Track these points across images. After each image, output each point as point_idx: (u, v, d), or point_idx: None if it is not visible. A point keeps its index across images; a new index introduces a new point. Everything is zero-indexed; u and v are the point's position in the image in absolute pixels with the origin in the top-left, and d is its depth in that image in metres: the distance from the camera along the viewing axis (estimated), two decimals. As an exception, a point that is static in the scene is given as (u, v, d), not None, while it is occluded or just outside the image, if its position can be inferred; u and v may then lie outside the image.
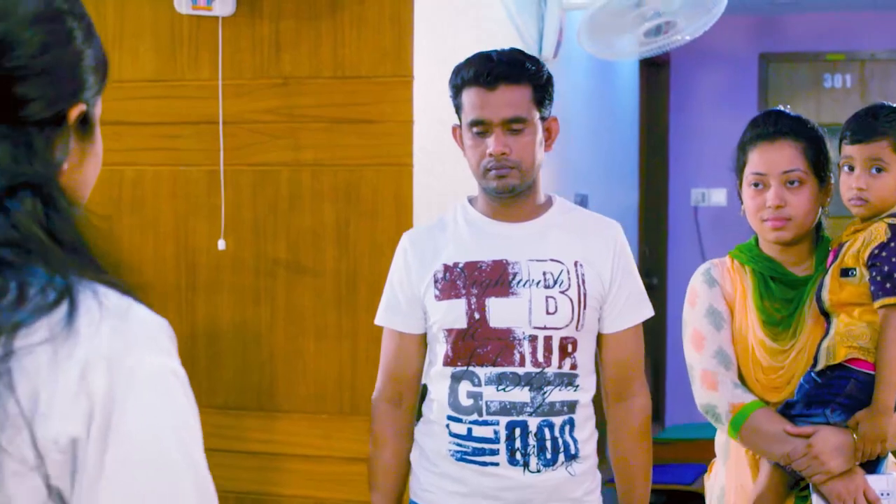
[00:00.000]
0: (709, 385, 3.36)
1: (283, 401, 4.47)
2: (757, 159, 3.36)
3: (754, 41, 9.53)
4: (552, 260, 3.32)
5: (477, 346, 3.29)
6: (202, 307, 4.55)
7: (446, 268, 3.34)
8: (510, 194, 3.31)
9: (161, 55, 4.56)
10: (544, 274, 3.29)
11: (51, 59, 1.46)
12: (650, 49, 5.72)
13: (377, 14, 4.32)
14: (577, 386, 3.31)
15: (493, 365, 3.27)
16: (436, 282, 3.34)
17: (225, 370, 4.52)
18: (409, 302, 3.40)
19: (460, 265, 3.33)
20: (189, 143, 4.54)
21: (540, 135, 3.31)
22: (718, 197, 9.20)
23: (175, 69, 4.55)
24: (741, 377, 3.38)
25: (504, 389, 3.26)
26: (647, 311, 3.44)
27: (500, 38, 5.26)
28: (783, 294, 3.38)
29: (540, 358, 3.27)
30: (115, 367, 1.35)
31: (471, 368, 3.29)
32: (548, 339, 3.27)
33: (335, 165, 4.38)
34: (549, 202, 3.44)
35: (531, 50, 5.60)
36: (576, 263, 3.32)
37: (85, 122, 1.53)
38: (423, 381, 3.49)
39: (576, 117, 6.72)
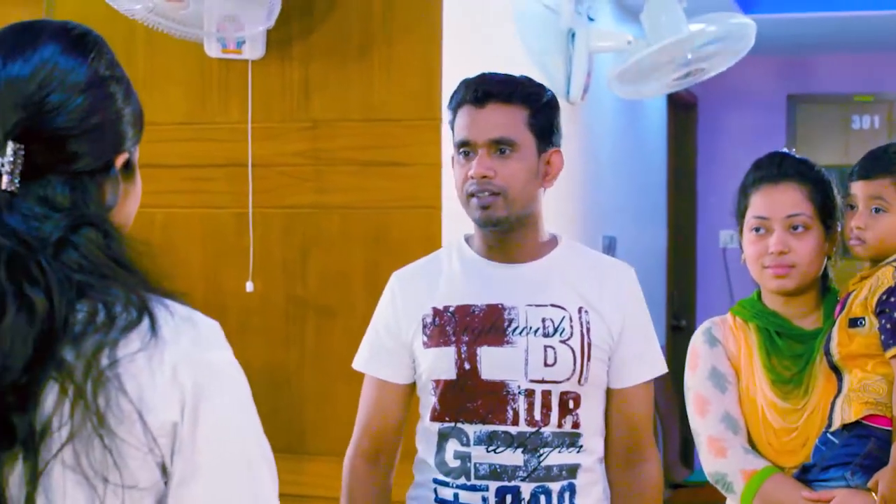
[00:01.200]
0: (717, 452, 3.11)
1: (312, 443, 4.46)
2: (759, 202, 3.17)
3: (782, 82, 9.53)
4: (553, 305, 2.98)
5: (466, 399, 2.95)
6: (231, 349, 4.54)
7: (436, 312, 3.02)
8: (497, 228, 2.96)
9: (191, 98, 4.59)
10: (543, 321, 2.95)
11: (97, 120, 1.74)
12: (675, 86, 5.73)
13: (406, 57, 4.34)
14: (581, 447, 2.97)
15: (483, 422, 2.93)
16: (424, 327, 3.02)
17: (254, 412, 4.52)
18: (396, 348, 3.08)
19: (451, 309, 3.00)
20: (218, 186, 4.55)
21: (534, 164, 2.96)
22: (747, 238, 9.16)
23: (205, 112, 4.58)
24: (751, 442, 3.14)
25: (495, 451, 2.92)
26: (660, 367, 3.11)
27: (528, 81, 5.27)
28: (791, 350, 3.15)
29: (536, 415, 2.92)
30: (197, 363, 1.70)
31: (459, 425, 2.96)
32: (546, 394, 2.93)
33: (364, 208, 4.39)
34: (553, 242, 3.10)
35: (558, 92, 5.61)
36: (580, 310, 2.98)
37: (127, 166, 1.81)
38: (417, 438, 3.17)
39: (604, 159, 6.72)
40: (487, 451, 2.92)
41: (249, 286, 4.46)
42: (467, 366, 2.94)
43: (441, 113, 4.30)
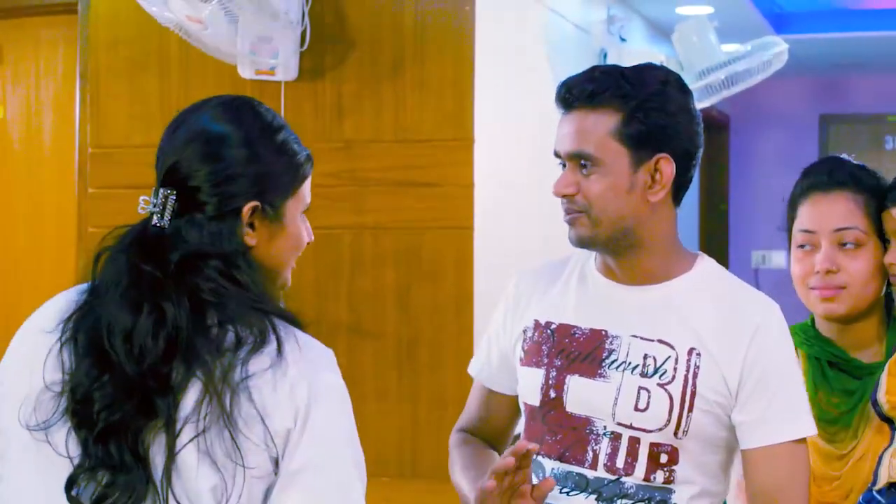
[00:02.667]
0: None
1: (343, 463, 4.46)
2: (806, 214, 2.76)
3: (815, 103, 9.51)
4: (660, 341, 2.53)
5: (547, 431, 2.59)
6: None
7: (537, 325, 2.66)
8: (588, 248, 2.61)
9: (224, 119, 4.60)
10: (645, 357, 2.52)
11: (213, 175, 2.13)
12: (702, 103, 5.73)
13: (438, 78, 4.35)
14: None
15: (561, 459, 2.57)
16: (524, 341, 2.68)
17: (286, 432, 4.52)
18: (501, 357, 2.76)
19: (553, 326, 2.63)
20: (252, 206, 4.56)
21: (625, 179, 2.50)
22: (779, 259, 9.15)
23: (238, 133, 4.59)
24: None
25: (567, 493, 2.56)
26: (804, 428, 2.52)
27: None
28: (843, 384, 2.73)
29: (618, 462, 2.51)
30: (312, 382, 2.06)
31: (538, 458, 2.60)
32: (633, 442, 2.51)
33: (396, 228, 4.39)
34: (688, 264, 2.62)
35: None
36: (691, 351, 2.51)
37: (264, 212, 2.16)
38: None
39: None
40: (560, 492, 2.56)
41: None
42: (553, 394, 2.58)
43: (473, 133, 4.30)
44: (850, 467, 2.66)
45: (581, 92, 2.51)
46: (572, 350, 2.58)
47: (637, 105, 2.49)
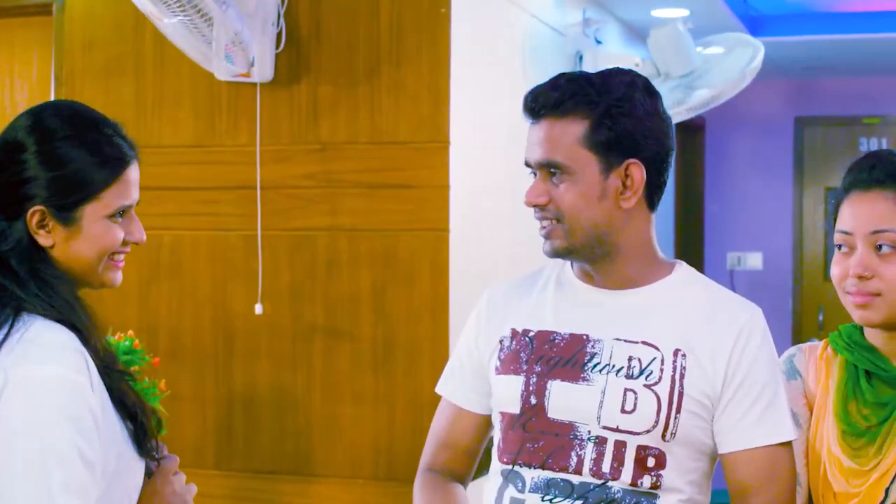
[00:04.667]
0: None
1: (319, 465, 4.46)
2: (845, 214, 2.53)
3: (790, 105, 9.54)
4: (644, 343, 2.49)
5: (528, 439, 2.51)
6: (239, 372, 4.56)
7: (514, 334, 2.60)
8: (564, 258, 2.58)
9: (199, 121, 4.60)
10: (630, 360, 2.48)
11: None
12: (681, 114, 5.74)
13: (414, 81, 4.35)
14: None
15: (542, 467, 2.49)
16: (501, 350, 2.61)
17: (262, 435, 4.52)
18: (475, 372, 2.67)
19: (531, 333, 2.57)
20: (227, 209, 4.56)
21: (595, 186, 2.47)
22: (755, 261, 9.17)
23: (213, 135, 4.59)
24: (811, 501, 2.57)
25: (551, 501, 2.48)
26: (782, 433, 2.48)
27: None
28: (877, 396, 2.51)
29: (604, 467, 2.45)
30: (8, 372, 2.08)
31: (517, 468, 2.52)
32: (619, 446, 2.45)
33: (372, 231, 4.40)
34: (666, 269, 2.60)
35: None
36: (676, 352, 2.47)
37: (57, 217, 2.22)
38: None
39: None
40: (542, 501, 2.48)
41: (258, 308, 4.46)
42: (533, 400, 2.51)
43: (449, 136, 4.30)
44: (870, 484, 2.46)
45: (547, 100, 2.48)
46: (552, 356, 2.53)
47: (604, 111, 2.46)
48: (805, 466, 2.56)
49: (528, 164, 2.54)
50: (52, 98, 4.80)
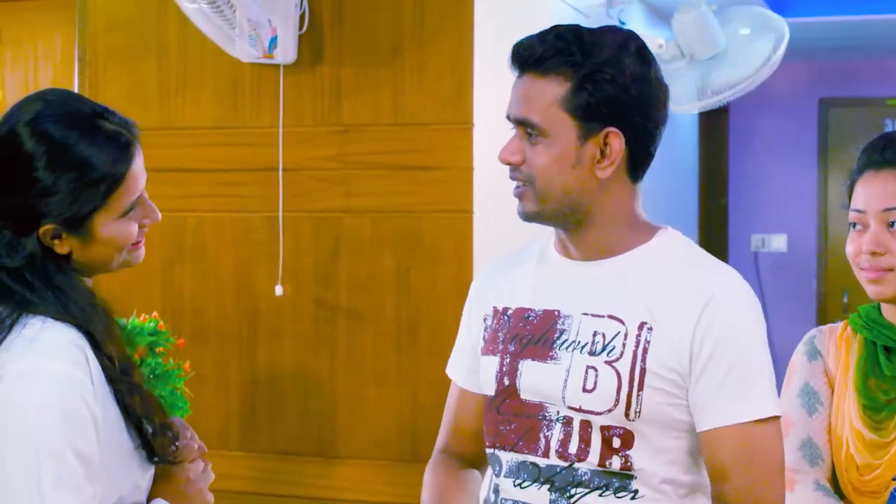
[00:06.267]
0: (787, 485, 2.43)
1: (343, 447, 4.46)
2: (858, 193, 2.63)
3: (814, 86, 9.50)
4: (610, 317, 2.34)
5: (501, 421, 2.42)
6: (263, 353, 4.56)
7: (495, 312, 2.50)
8: (534, 222, 2.44)
9: (222, 103, 4.60)
10: (594, 335, 2.34)
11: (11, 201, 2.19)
12: (709, 104, 5.70)
13: (437, 62, 4.34)
14: (636, 494, 2.32)
15: (514, 450, 2.40)
16: (485, 329, 2.53)
17: (286, 416, 4.53)
18: (471, 352, 2.58)
19: (510, 311, 2.47)
20: (249, 190, 4.56)
21: (570, 151, 2.32)
22: (779, 242, 9.14)
23: (236, 117, 4.59)
24: (835, 477, 2.61)
25: (521, 485, 2.38)
26: (763, 409, 2.29)
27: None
28: (895, 370, 2.59)
29: (571, 448, 2.33)
30: (5, 366, 2.08)
31: (496, 452, 2.43)
32: (585, 426, 2.33)
33: (395, 212, 4.39)
34: (646, 236, 2.43)
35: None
36: (641, 325, 2.31)
37: (68, 230, 2.20)
38: None
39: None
40: (514, 485, 2.39)
41: (279, 290, 4.46)
42: (507, 381, 2.41)
43: (472, 116, 4.29)
44: (891, 455, 2.54)
45: (531, 54, 2.35)
46: (525, 334, 2.41)
47: (587, 74, 2.29)
48: (828, 443, 2.60)
49: (508, 118, 2.40)
50: (76, 80, 4.81)
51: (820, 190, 9.33)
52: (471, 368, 2.57)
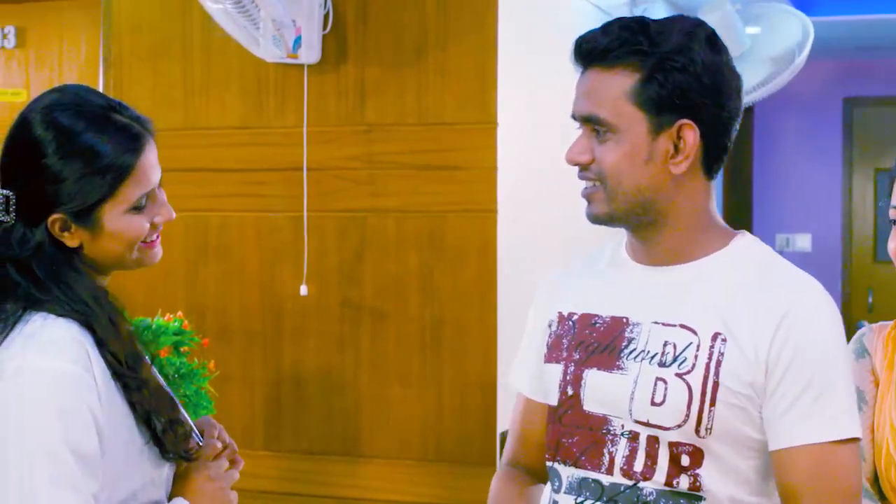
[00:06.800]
0: None
1: (366, 446, 4.47)
2: None
3: (838, 85, 9.47)
4: (682, 326, 2.20)
5: (563, 433, 2.29)
6: (287, 353, 4.56)
7: (560, 318, 2.36)
8: (606, 225, 2.29)
9: (247, 103, 4.61)
10: (665, 345, 2.20)
11: (15, 188, 2.20)
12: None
13: (461, 62, 4.34)
14: None
15: (576, 465, 2.27)
16: (549, 336, 2.38)
17: (310, 415, 4.53)
18: (534, 359, 2.43)
19: (575, 317, 2.33)
20: (274, 190, 4.57)
21: (643, 147, 2.19)
22: (803, 242, 9.12)
23: (261, 117, 4.59)
24: (877, 479, 2.51)
25: (582, 503, 2.25)
26: (838, 429, 2.13)
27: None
28: None
29: (636, 466, 2.19)
30: (3, 363, 2.07)
31: (555, 465, 2.31)
32: (652, 441, 2.19)
33: (419, 212, 4.39)
34: (723, 241, 2.31)
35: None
36: (715, 336, 2.17)
37: (76, 221, 2.18)
38: None
39: (659, 163, 6.68)
40: (575, 503, 2.25)
41: (304, 290, 4.47)
42: (570, 391, 2.28)
43: (496, 116, 4.29)
44: None
45: (595, 47, 2.19)
46: (592, 341, 2.27)
47: (656, 64, 2.16)
48: (870, 441, 2.49)
49: (573, 118, 2.26)
50: (101, 80, 4.82)
51: (845, 189, 9.30)
52: (536, 376, 2.42)
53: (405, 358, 4.41)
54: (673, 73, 2.16)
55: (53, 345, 2.10)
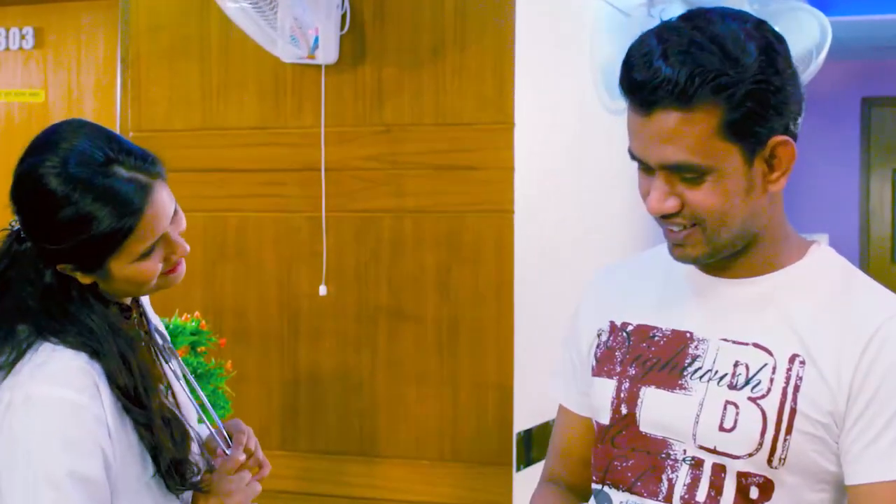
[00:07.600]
0: None
1: (383, 446, 4.47)
2: None
3: (856, 86, 9.46)
4: (756, 346, 2.04)
5: (616, 455, 2.14)
6: (304, 353, 4.57)
7: (612, 327, 2.22)
8: (700, 264, 2.13)
9: (264, 103, 4.61)
10: (736, 365, 2.04)
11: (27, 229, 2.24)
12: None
13: (479, 62, 4.34)
14: None
15: (630, 490, 2.11)
16: (598, 346, 2.25)
17: (327, 415, 4.53)
18: (577, 368, 2.31)
19: (630, 328, 2.19)
20: (292, 190, 4.57)
21: (742, 178, 2.01)
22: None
23: (278, 117, 4.59)
24: None
25: None
26: None
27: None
28: None
29: (699, 496, 2.04)
30: (14, 392, 2.11)
31: (605, 489, 2.16)
32: (718, 470, 2.03)
33: (437, 212, 4.39)
34: (799, 254, 2.14)
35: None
36: (792, 359, 2.01)
37: (87, 270, 2.22)
38: None
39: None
40: None
41: (322, 290, 4.47)
42: (624, 409, 2.13)
43: (514, 116, 4.29)
44: None
45: (666, 89, 1.95)
46: (650, 357, 2.13)
47: (745, 93, 1.95)
48: None
49: (634, 158, 2.07)
50: (118, 81, 4.83)
51: (862, 190, 9.29)
52: (580, 389, 2.31)
53: (422, 358, 4.41)
54: (763, 96, 1.98)
55: (60, 374, 2.13)
